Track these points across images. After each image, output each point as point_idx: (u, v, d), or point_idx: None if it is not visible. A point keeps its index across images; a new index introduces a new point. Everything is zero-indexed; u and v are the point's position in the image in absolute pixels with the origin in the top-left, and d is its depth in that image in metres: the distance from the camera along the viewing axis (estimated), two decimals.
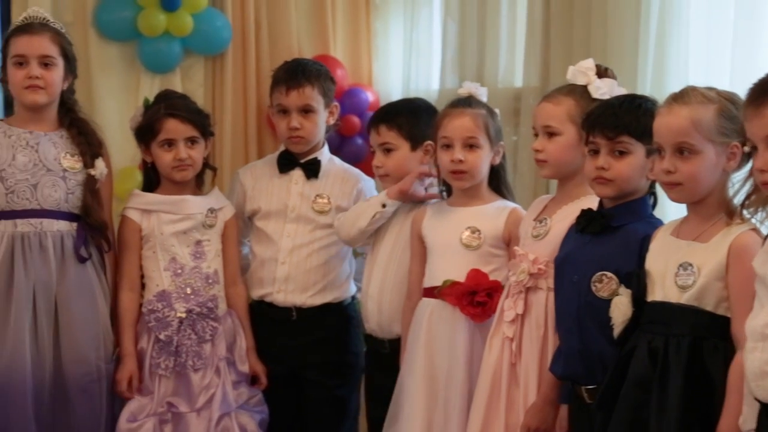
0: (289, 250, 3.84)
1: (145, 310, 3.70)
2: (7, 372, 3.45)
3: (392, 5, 5.01)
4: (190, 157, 3.72)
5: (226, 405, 3.66)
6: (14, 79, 3.59)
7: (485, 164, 3.48)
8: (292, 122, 3.82)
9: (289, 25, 4.94)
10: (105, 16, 4.78)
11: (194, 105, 3.86)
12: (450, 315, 3.40)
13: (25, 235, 3.54)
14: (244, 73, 4.90)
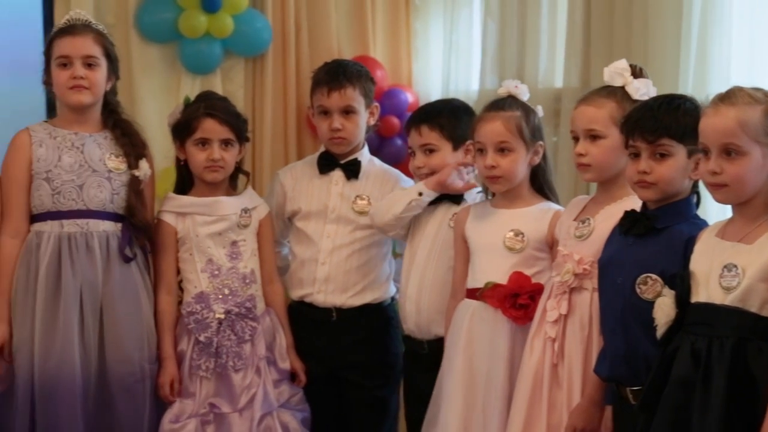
0: (329, 251, 3.84)
1: (184, 312, 3.72)
2: (56, 370, 3.47)
3: (432, 6, 5.00)
4: (222, 159, 3.73)
5: (267, 404, 3.67)
6: (59, 79, 3.62)
7: (521, 167, 3.46)
8: (334, 123, 3.83)
9: (329, 26, 4.95)
10: (146, 18, 4.80)
11: (233, 108, 3.87)
12: (491, 317, 3.39)
13: (72, 235, 3.56)
14: (284, 74, 4.91)
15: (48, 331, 3.50)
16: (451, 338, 3.47)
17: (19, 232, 3.59)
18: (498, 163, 3.43)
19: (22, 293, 3.54)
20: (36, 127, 3.67)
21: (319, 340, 3.84)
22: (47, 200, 3.58)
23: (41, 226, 3.58)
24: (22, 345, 3.51)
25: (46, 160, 3.60)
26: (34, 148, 3.60)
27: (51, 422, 3.47)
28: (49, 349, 3.49)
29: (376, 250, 3.89)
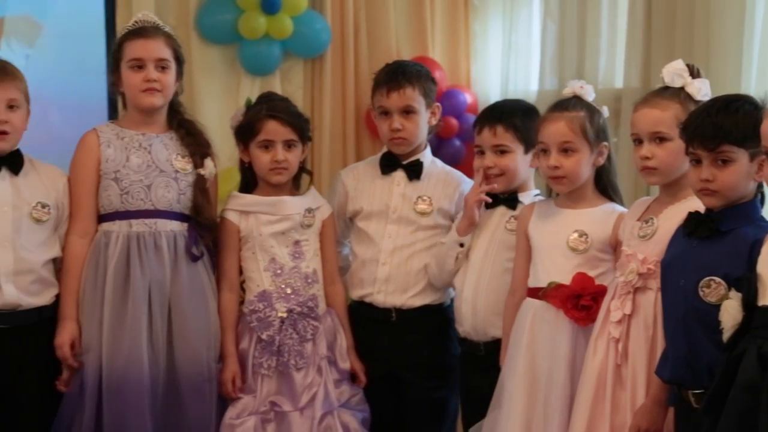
0: (390, 251, 3.85)
1: (246, 311, 3.73)
2: (125, 369, 3.50)
3: (491, 6, 5.00)
4: (286, 160, 3.74)
5: (328, 404, 3.68)
6: (131, 82, 3.64)
7: (584, 167, 3.44)
8: (394, 123, 3.82)
9: (388, 27, 4.96)
10: (207, 20, 4.84)
11: (295, 108, 3.88)
12: (553, 317, 3.38)
13: (140, 234, 3.60)
14: (343, 75, 4.93)
15: (116, 330, 3.54)
16: (513, 338, 3.46)
17: (87, 232, 3.63)
18: (561, 164, 3.42)
19: (90, 293, 3.58)
20: (103, 128, 3.71)
21: (379, 340, 3.84)
22: (116, 200, 3.61)
23: (109, 225, 3.62)
24: (90, 344, 3.55)
25: (115, 161, 3.63)
26: (103, 149, 3.64)
27: (119, 421, 3.50)
28: (117, 348, 3.52)
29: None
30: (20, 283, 3.50)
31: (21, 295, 3.50)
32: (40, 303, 3.55)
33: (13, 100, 3.52)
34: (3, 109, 3.50)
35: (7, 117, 3.50)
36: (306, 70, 4.94)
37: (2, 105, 3.50)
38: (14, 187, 3.55)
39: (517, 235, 3.59)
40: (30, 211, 3.55)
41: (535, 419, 3.35)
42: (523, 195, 3.72)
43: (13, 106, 3.52)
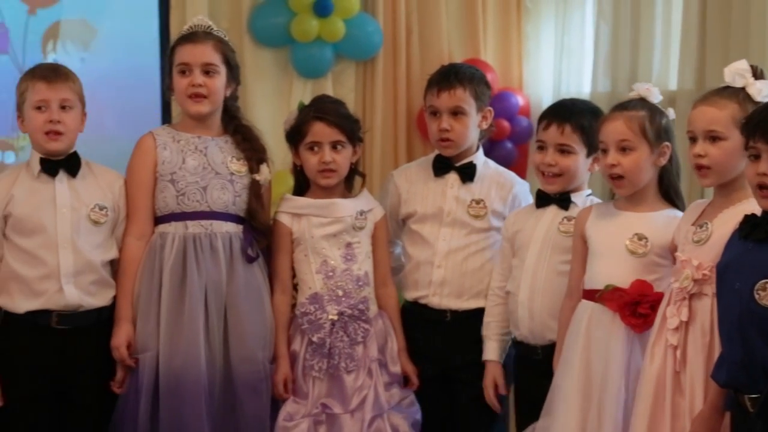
0: (445, 254, 3.84)
1: (298, 313, 3.74)
2: (182, 369, 3.53)
3: (544, 8, 4.98)
4: (334, 161, 3.74)
5: (378, 406, 3.68)
6: (179, 86, 3.68)
7: (644, 167, 3.40)
8: (442, 123, 3.81)
9: (440, 29, 4.96)
10: (259, 23, 4.87)
11: (345, 110, 3.87)
12: (609, 320, 3.35)
13: (197, 236, 3.62)
14: (395, 77, 4.93)
15: (173, 330, 3.56)
16: (568, 339, 3.43)
17: (143, 234, 3.66)
18: (619, 162, 3.39)
19: (145, 294, 3.61)
20: (159, 131, 3.75)
21: (432, 341, 3.83)
22: (172, 202, 3.64)
23: (165, 227, 3.65)
24: (145, 344, 3.58)
25: (171, 163, 3.66)
26: (159, 151, 3.67)
27: (176, 421, 3.52)
28: (174, 348, 3.55)
29: (492, 253, 3.86)
30: (81, 284, 3.55)
31: (82, 296, 3.55)
32: (100, 304, 3.60)
33: (66, 100, 3.56)
34: (56, 109, 3.54)
35: (60, 117, 3.54)
36: (358, 73, 4.95)
37: (55, 105, 3.54)
38: (72, 190, 3.59)
39: (573, 238, 3.56)
40: (88, 213, 3.59)
41: (590, 423, 3.33)
42: (575, 195, 3.70)
43: (66, 107, 3.56)
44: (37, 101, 3.54)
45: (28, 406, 3.53)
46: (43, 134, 3.54)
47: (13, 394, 3.52)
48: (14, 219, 3.53)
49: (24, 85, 3.59)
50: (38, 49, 4.89)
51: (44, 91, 3.54)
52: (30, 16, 4.91)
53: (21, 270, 3.52)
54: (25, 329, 3.53)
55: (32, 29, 4.91)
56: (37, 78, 3.57)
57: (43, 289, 3.52)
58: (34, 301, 3.52)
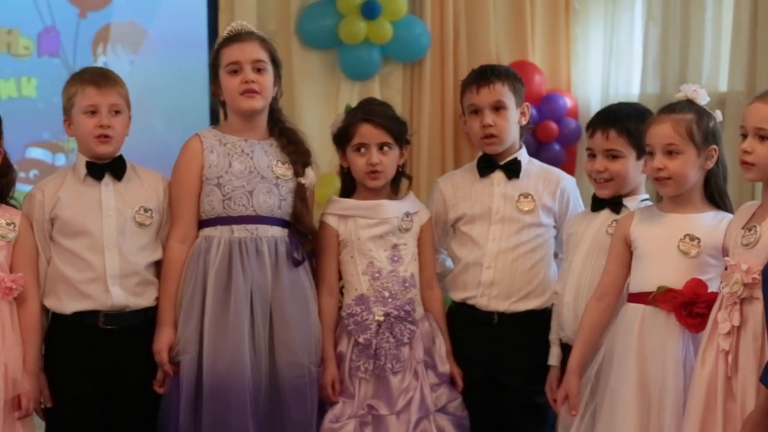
0: (494, 254, 3.81)
1: (344, 314, 3.74)
2: (227, 373, 3.52)
3: (592, 10, 4.96)
4: (381, 163, 3.73)
5: (424, 408, 3.66)
6: (230, 86, 3.67)
7: (691, 170, 3.37)
8: (485, 119, 3.79)
9: (488, 31, 4.95)
10: (307, 25, 4.89)
11: (392, 112, 3.86)
12: (663, 322, 3.31)
13: (242, 240, 3.62)
14: (442, 79, 4.93)
15: (218, 333, 3.55)
16: (620, 344, 3.40)
17: (187, 237, 3.66)
18: (665, 165, 3.36)
19: (189, 297, 3.61)
20: (206, 134, 3.74)
21: (479, 343, 3.80)
22: (218, 206, 3.64)
23: (211, 231, 3.64)
24: (188, 348, 3.59)
25: (218, 166, 3.66)
26: (206, 154, 3.67)
27: (221, 424, 3.51)
28: (219, 351, 3.54)
29: (541, 254, 3.83)
30: (126, 286, 3.56)
31: (128, 297, 3.55)
32: (146, 304, 3.60)
33: (115, 105, 3.58)
34: (106, 114, 3.56)
35: (110, 122, 3.57)
36: (405, 75, 4.96)
37: (105, 110, 3.56)
38: (118, 193, 3.61)
39: (612, 240, 3.53)
40: (133, 216, 3.60)
41: (651, 426, 3.30)
42: (629, 200, 3.66)
43: (115, 112, 3.59)
44: (88, 106, 3.56)
45: (76, 406, 3.53)
46: (93, 138, 3.56)
47: (61, 394, 3.54)
48: (61, 222, 3.55)
49: (72, 90, 3.61)
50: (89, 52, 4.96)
51: (95, 96, 3.56)
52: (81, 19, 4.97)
53: (68, 272, 3.55)
54: (72, 330, 3.54)
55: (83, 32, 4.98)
56: (87, 83, 3.58)
57: (90, 290, 3.53)
58: (81, 302, 3.54)
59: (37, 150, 4.94)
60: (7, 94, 4.91)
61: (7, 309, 3.44)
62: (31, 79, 4.95)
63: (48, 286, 3.56)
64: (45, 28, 4.95)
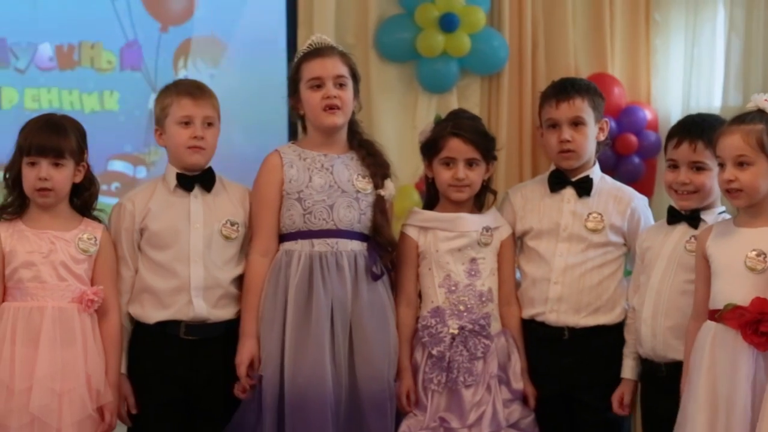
0: (561, 270, 3.79)
1: (419, 326, 3.74)
2: (307, 387, 3.52)
3: (673, 21, 4.91)
4: (467, 178, 3.73)
5: (496, 423, 3.64)
6: (312, 101, 3.69)
7: (763, 181, 3.31)
8: (563, 134, 3.77)
9: (566, 43, 4.93)
10: (385, 38, 4.91)
11: (482, 127, 3.85)
12: (732, 339, 3.27)
13: (323, 254, 3.63)
14: (520, 92, 4.92)
15: (299, 347, 3.57)
16: (693, 361, 3.37)
17: (268, 251, 3.68)
18: (736, 177, 3.32)
19: (270, 310, 3.63)
20: (285, 149, 3.75)
21: (551, 360, 3.78)
22: (298, 220, 3.66)
23: (291, 245, 3.66)
24: (270, 360, 3.60)
25: (298, 181, 3.68)
26: (286, 169, 3.69)
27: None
28: (299, 364, 3.55)
29: (610, 270, 3.80)
30: (209, 298, 3.59)
31: (210, 309, 3.59)
32: (227, 317, 3.63)
33: (208, 117, 3.63)
34: (200, 125, 3.61)
35: (203, 133, 3.61)
36: (483, 88, 4.95)
37: (199, 121, 3.61)
38: (206, 205, 3.65)
39: (696, 258, 3.49)
40: (220, 229, 3.64)
41: None
42: (706, 213, 3.62)
43: (209, 124, 3.63)
44: (182, 116, 3.61)
45: (159, 413, 3.59)
46: (186, 149, 3.61)
47: (145, 401, 3.59)
48: (149, 233, 3.60)
49: (167, 100, 3.65)
50: (170, 66, 5.03)
51: (190, 107, 3.61)
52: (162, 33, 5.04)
53: (153, 282, 3.59)
54: (155, 339, 3.59)
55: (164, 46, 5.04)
56: (182, 94, 3.63)
57: (174, 301, 3.58)
58: (164, 311, 3.58)
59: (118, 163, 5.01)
60: (90, 108, 4.99)
61: (89, 321, 3.50)
62: (113, 93, 5.03)
63: (133, 295, 3.61)
64: (127, 42, 5.02)
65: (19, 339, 3.42)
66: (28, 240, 3.49)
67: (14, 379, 3.38)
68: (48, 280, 3.47)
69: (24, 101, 4.96)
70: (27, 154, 3.48)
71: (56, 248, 3.49)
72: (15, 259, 3.47)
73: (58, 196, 3.51)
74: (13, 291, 3.48)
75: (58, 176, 3.48)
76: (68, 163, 3.50)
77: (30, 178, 3.47)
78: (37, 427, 3.38)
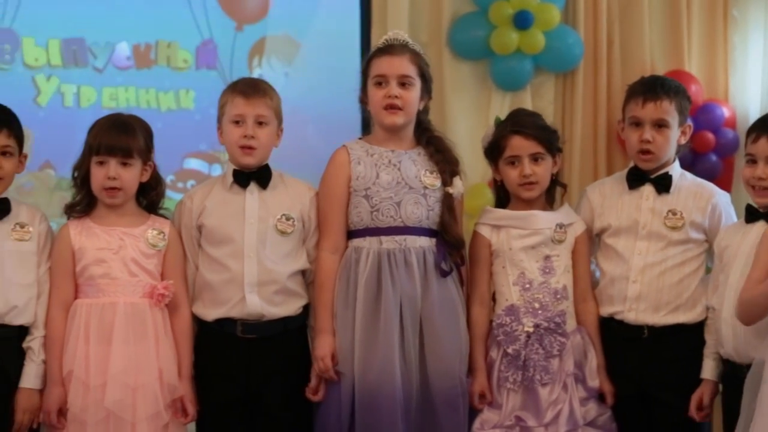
0: (640, 269, 3.76)
1: (494, 324, 3.73)
2: (377, 383, 3.54)
3: (752, 17, 4.85)
4: (534, 174, 3.72)
5: (572, 421, 3.63)
6: (374, 98, 3.70)
7: None
8: (645, 134, 3.74)
9: (642, 40, 4.89)
10: (458, 36, 4.90)
11: (541, 121, 3.84)
12: None
13: (391, 251, 3.64)
14: (595, 89, 4.88)
15: (368, 344, 3.58)
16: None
17: (338, 248, 3.68)
18: None
19: (341, 307, 3.64)
20: (353, 145, 3.76)
21: (629, 358, 3.75)
22: (366, 217, 3.67)
23: (360, 242, 3.67)
24: (343, 357, 3.61)
25: (365, 178, 3.69)
26: (353, 166, 3.70)
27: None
28: (369, 361, 3.57)
29: (690, 268, 3.76)
30: (264, 294, 3.61)
31: (264, 305, 3.60)
32: (284, 314, 3.64)
33: (261, 116, 3.63)
34: (251, 124, 3.62)
35: (255, 132, 3.62)
36: (557, 85, 4.92)
37: (251, 121, 3.62)
38: (261, 201, 3.66)
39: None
40: (275, 224, 3.65)
41: None
42: None
43: (261, 123, 3.64)
44: (235, 115, 3.63)
45: (221, 413, 3.61)
46: (237, 148, 3.63)
47: (207, 400, 3.61)
48: (206, 229, 3.63)
49: (224, 99, 3.69)
50: (245, 65, 5.07)
51: (242, 106, 3.63)
52: (237, 32, 5.08)
53: (210, 277, 3.62)
54: (214, 337, 3.62)
55: (239, 45, 5.09)
56: (237, 93, 3.65)
57: (228, 297, 3.60)
58: (220, 308, 3.60)
59: (194, 161, 5.06)
60: (167, 106, 5.05)
61: (160, 316, 3.55)
62: (189, 92, 5.08)
63: (195, 292, 3.65)
64: (203, 41, 5.07)
65: (93, 335, 3.47)
66: (98, 237, 3.54)
67: (89, 375, 3.43)
68: (119, 276, 3.52)
69: (102, 100, 5.03)
70: (96, 153, 3.53)
71: (126, 244, 3.54)
72: (85, 257, 3.52)
73: (126, 195, 3.56)
74: (85, 288, 3.53)
75: (126, 175, 3.53)
76: (136, 163, 3.54)
77: (98, 177, 3.53)
78: (113, 421, 3.43)
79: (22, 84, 4.97)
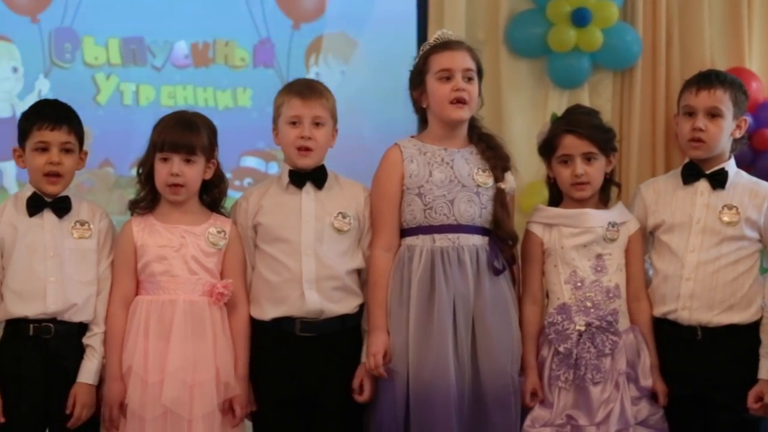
0: (694, 266, 3.72)
1: (546, 323, 3.72)
2: (431, 381, 3.54)
3: None
4: (586, 174, 3.69)
5: (624, 420, 3.60)
6: (440, 93, 3.68)
7: None
8: (697, 122, 3.70)
9: (702, 37, 4.84)
10: (516, 33, 4.89)
11: (597, 120, 3.81)
12: None
13: (444, 249, 3.64)
14: (653, 87, 4.85)
15: (422, 342, 3.58)
16: None
17: (391, 246, 3.69)
18: None
19: (395, 305, 3.64)
20: (406, 143, 3.77)
21: (683, 359, 3.72)
22: (419, 215, 3.67)
23: (413, 240, 3.67)
24: (398, 355, 3.61)
25: (418, 176, 3.69)
26: (406, 164, 3.71)
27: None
28: (423, 359, 3.57)
29: (744, 266, 3.71)
30: (322, 290, 3.62)
31: (323, 302, 3.61)
32: (342, 311, 3.65)
33: (318, 117, 3.65)
34: (308, 125, 3.64)
35: (311, 133, 3.63)
36: (615, 83, 4.90)
37: (308, 122, 3.64)
38: (317, 201, 3.68)
39: None
40: (331, 222, 3.66)
41: None
42: None
43: (318, 124, 3.65)
44: (292, 117, 3.65)
45: (279, 411, 3.62)
46: (294, 149, 3.65)
47: (264, 399, 3.63)
48: (262, 228, 3.65)
49: (280, 100, 3.70)
50: (301, 63, 5.10)
51: (299, 107, 3.64)
52: (294, 30, 5.11)
53: (267, 276, 3.63)
54: (271, 337, 3.63)
55: (296, 43, 5.11)
56: (293, 94, 3.67)
57: (286, 295, 3.61)
58: (278, 307, 3.62)
59: (251, 159, 5.10)
60: (224, 105, 5.09)
61: (218, 314, 3.57)
62: (246, 90, 5.12)
63: (252, 292, 3.66)
64: (260, 40, 5.11)
65: (152, 332, 3.51)
66: (160, 234, 3.58)
67: (148, 372, 3.47)
68: (179, 274, 3.55)
69: (160, 98, 5.09)
70: (160, 150, 3.57)
71: (187, 242, 3.58)
72: (147, 253, 3.56)
73: (189, 191, 3.59)
74: (146, 284, 3.57)
75: (189, 172, 3.56)
76: (199, 160, 3.58)
77: (162, 174, 3.56)
78: (170, 418, 3.46)
79: (82, 82, 5.05)
